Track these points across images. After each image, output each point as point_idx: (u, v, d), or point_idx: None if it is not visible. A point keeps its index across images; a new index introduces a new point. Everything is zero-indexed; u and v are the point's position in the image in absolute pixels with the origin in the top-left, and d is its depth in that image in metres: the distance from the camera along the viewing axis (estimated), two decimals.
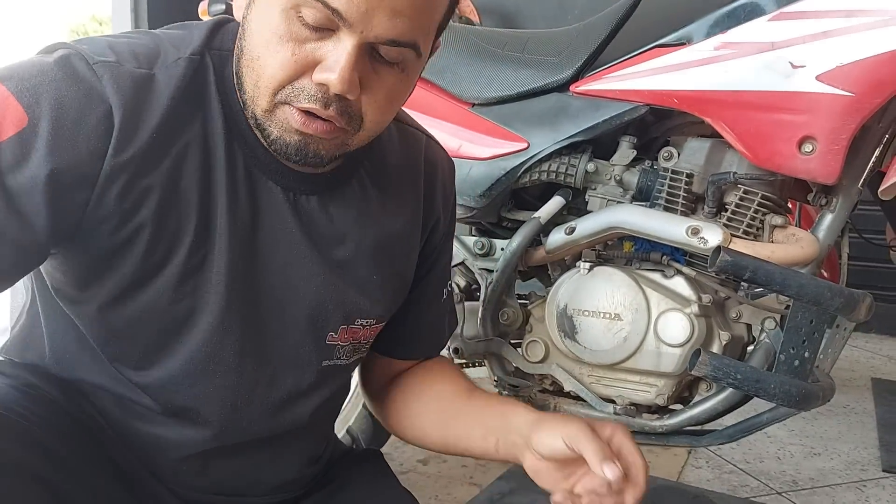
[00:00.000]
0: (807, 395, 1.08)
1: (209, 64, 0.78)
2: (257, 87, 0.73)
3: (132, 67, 0.73)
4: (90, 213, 0.72)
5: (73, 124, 0.69)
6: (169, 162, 0.74)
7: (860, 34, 1.06)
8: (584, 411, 1.33)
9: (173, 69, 0.75)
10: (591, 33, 1.33)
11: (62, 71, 0.70)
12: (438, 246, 1.00)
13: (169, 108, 0.74)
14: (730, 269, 0.99)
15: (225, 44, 0.80)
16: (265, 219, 0.81)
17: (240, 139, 0.79)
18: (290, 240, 0.83)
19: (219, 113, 0.78)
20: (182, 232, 0.76)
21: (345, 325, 0.89)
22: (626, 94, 1.26)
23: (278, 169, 0.81)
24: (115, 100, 0.70)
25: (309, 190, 0.84)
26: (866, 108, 1.07)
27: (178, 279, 0.77)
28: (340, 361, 0.91)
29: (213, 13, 1.58)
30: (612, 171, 1.30)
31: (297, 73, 0.71)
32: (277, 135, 0.74)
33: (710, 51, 1.16)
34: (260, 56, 0.72)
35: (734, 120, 1.15)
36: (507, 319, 1.38)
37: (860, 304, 1.04)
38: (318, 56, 0.70)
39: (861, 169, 1.17)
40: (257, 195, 0.80)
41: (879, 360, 2.87)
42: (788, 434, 2.11)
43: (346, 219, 0.86)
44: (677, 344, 1.21)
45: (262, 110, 0.74)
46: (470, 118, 1.40)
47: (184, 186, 0.76)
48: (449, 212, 1.01)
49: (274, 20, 0.70)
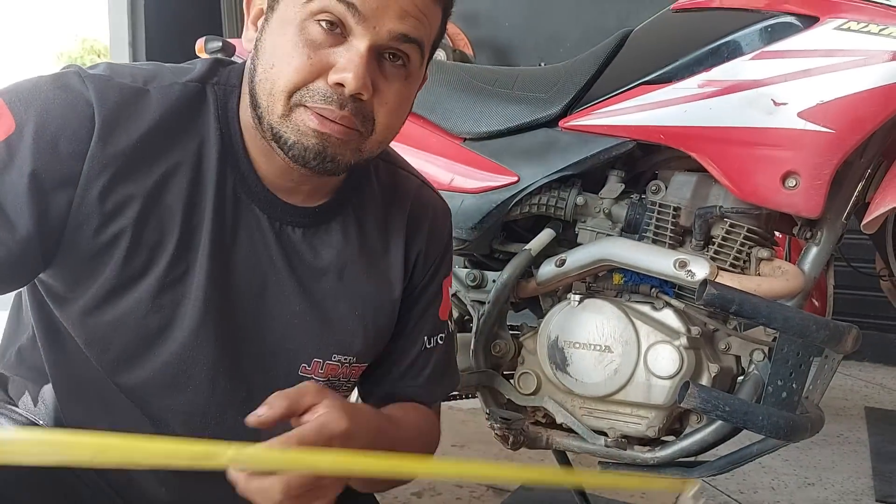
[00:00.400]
0: (795, 427, 1.09)
1: (209, 94, 0.82)
2: (272, 94, 0.76)
3: (124, 82, 0.77)
4: (73, 213, 0.75)
5: (56, 128, 0.73)
6: (156, 175, 0.77)
7: (839, 73, 1.09)
8: (576, 443, 1.33)
9: (168, 90, 0.79)
10: (578, 70, 1.36)
11: (54, 83, 0.75)
12: (421, 289, 0.98)
13: (158, 124, 0.77)
14: (716, 302, 1.01)
15: (230, 80, 0.84)
16: (248, 244, 0.83)
17: (233, 165, 0.82)
18: (270, 267, 0.85)
19: (216, 139, 0.81)
20: (163, 244, 0.79)
21: (319, 360, 0.89)
22: (613, 130, 1.28)
23: (267, 198, 0.84)
24: (97, 104, 0.74)
25: (295, 222, 0.86)
26: (847, 144, 1.10)
27: (156, 291, 0.79)
28: None
29: (209, 50, 1.61)
30: (601, 204, 1.32)
31: (313, 76, 0.75)
32: (295, 139, 0.77)
33: (695, 88, 1.19)
34: (275, 64, 0.76)
35: (719, 155, 1.18)
36: (499, 351, 1.39)
37: (846, 335, 1.05)
38: (332, 60, 0.75)
39: (844, 203, 1.20)
40: (243, 220, 0.83)
41: (873, 389, 2.88)
42: (783, 464, 2.11)
43: (329, 254, 0.88)
44: (667, 376, 1.23)
45: (277, 116, 0.76)
46: (461, 152, 1.42)
47: (169, 201, 0.78)
48: (435, 256, 0.99)
49: (289, 32, 0.75)
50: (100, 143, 0.74)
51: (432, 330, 1.00)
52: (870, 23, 1.08)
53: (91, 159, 0.74)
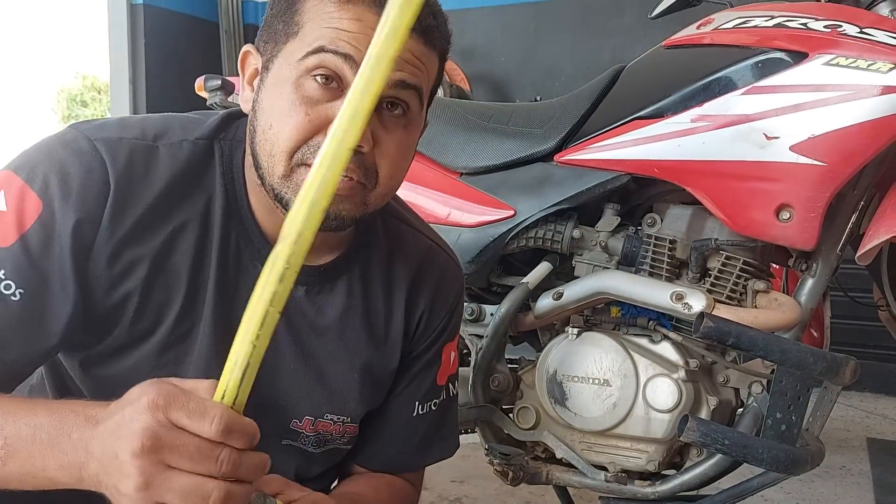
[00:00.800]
0: (795, 460, 1.09)
1: (216, 150, 0.82)
2: (272, 155, 0.76)
3: (134, 140, 0.78)
4: (90, 276, 0.76)
5: (79, 192, 0.74)
6: (163, 236, 0.78)
7: (830, 107, 1.10)
8: (576, 478, 1.32)
9: (177, 150, 0.80)
10: (572, 106, 1.38)
11: (66, 149, 0.76)
12: (418, 353, 0.96)
13: (168, 185, 0.78)
14: (713, 335, 1.01)
15: (237, 135, 0.84)
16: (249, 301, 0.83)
17: (237, 222, 0.82)
18: None
19: (221, 196, 0.81)
20: (170, 303, 0.79)
21: (311, 417, 0.89)
22: (608, 164, 1.29)
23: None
24: (111, 167, 0.75)
25: (299, 280, 0.85)
26: (839, 177, 1.11)
27: (162, 347, 0.80)
28: (302, 447, 0.91)
29: (208, 88, 1.64)
30: (598, 238, 1.33)
31: (312, 133, 0.75)
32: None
33: (687, 122, 1.20)
34: (273, 125, 0.76)
35: (713, 188, 1.19)
36: (497, 385, 1.38)
37: (843, 367, 1.05)
38: (330, 114, 0.74)
39: (839, 234, 1.20)
40: (245, 278, 0.83)
41: (874, 420, 2.86)
42: (785, 497, 2.09)
43: (332, 314, 0.88)
44: (666, 409, 1.22)
45: (279, 177, 0.76)
46: (458, 187, 1.43)
47: (176, 260, 0.79)
48: (439, 320, 0.96)
49: (286, 91, 0.75)
50: (113, 207, 0.75)
51: (426, 395, 0.97)
52: (858, 58, 1.10)
53: (105, 225, 0.75)
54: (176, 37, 4.23)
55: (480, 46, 3.90)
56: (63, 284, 0.74)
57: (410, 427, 0.97)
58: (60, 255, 0.74)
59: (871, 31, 1.13)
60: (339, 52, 0.73)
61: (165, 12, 4.18)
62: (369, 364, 0.91)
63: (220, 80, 1.61)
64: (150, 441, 0.56)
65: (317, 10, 0.75)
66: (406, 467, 0.99)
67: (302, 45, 0.75)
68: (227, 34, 4.39)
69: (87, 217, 0.74)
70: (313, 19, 0.75)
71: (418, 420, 0.97)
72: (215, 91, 1.60)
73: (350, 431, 0.93)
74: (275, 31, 0.78)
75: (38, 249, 0.73)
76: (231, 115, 0.86)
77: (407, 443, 0.97)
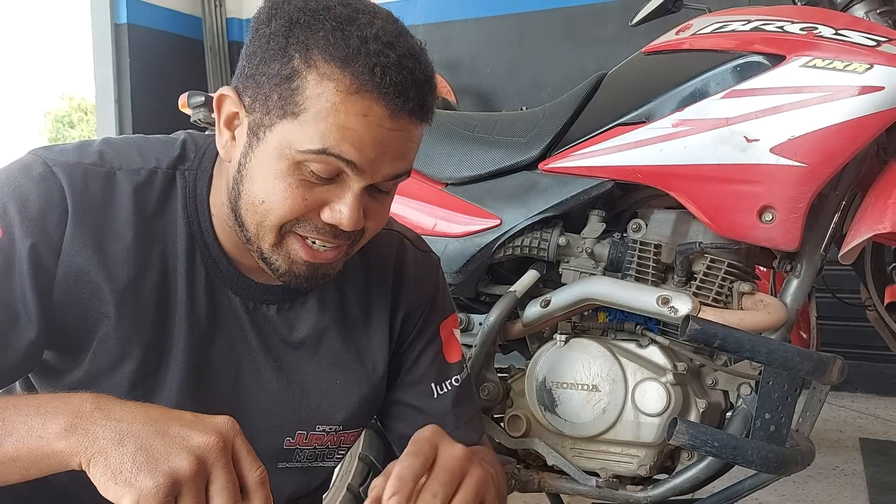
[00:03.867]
0: (785, 461, 1.09)
1: (178, 181, 0.82)
2: (262, 226, 0.76)
3: (91, 165, 0.77)
4: (56, 304, 0.76)
5: (38, 217, 0.74)
6: (127, 267, 0.78)
7: (808, 109, 1.11)
8: (568, 485, 1.32)
9: (135, 177, 0.79)
10: (555, 114, 1.38)
11: (24, 174, 0.76)
12: (412, 340, 0.96)
13: (128, 214, 0.78)
14: (700, 337, 1.02)
15: (202, 164, 0.83)
16: (222, 329, 0.84)
17: (203, 252, 0.82)
18: (245, 348, 0.85)
19: (184, 230, 0.81)
20: (136, 336, 0.79)
21: (302, 431, 0.89)
22: (592, 171, 1.30)
23: (239, 281, 0.84)
24: (69, 190, 0.75)
25: (269, 300, 0.86)
26: (820, 177, 1.12)
27: (132, 383, 0.79)
28: (299, 464, 0.91)
29: (192, 105, 1.63)
30: (584, 244, 1.34)
31: (306, 212, 0.75)
32: (286, 268, 0.78)
33: (669, 128, 1.21)
34: (265, 200, 0.75)
35: (695, 192, 1.20)
36: (487, 394, 1.38)
37: (830, 366, 1.05)
38: (327, 198, 0.75)
39: (822, 235, 1.21)
40: (217, 306, 0.83)
41: (867, 420, 2.86)
42: (779, 499, 2.09)
43: (306, 326, 0.88)
44: (655, 413, 1.22)
45: (268, 245, 0.77)
46: (444, 197, 1.44)
47: (140, 294, 0.78)
48: (422, 307, 0.96)
49: (281, 170, 0.73)
50: (73, 230, 0.75)
51: (439, 375, 0.96)
52: (834, 59, 1.11)
53: (66, 248, 0.75)
54: (160, 55, 4.24)
55: (465, 58, 3.92)
56: (26, 309, 0.73)
57: (437, 411, 0.95)
58: (21, 281, 0.73)
59: (846, 32, 1.14)
60: (343, 158, 0.72)
61: (150, 31, 4.18)
62: (353, 370, 0.91)
63: (204, 96, 1.60)
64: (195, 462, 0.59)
65: (319, 96, 0.70)
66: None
67: (303, 135, 0.71)
68: (211, 52, 4.40)
69: (48, 242, 0.74)
70: (315, 106, 0.71)
71: (442, 401, 0.96)
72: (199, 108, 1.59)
73: (345, 440, 0.93)
74: (267, 95, 0.73)
75: (4, 274, 0.73)
76: (193, 142, 0.85)
77: (449, 426, 0.93)
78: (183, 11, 4.36)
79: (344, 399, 0.90)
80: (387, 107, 0.71)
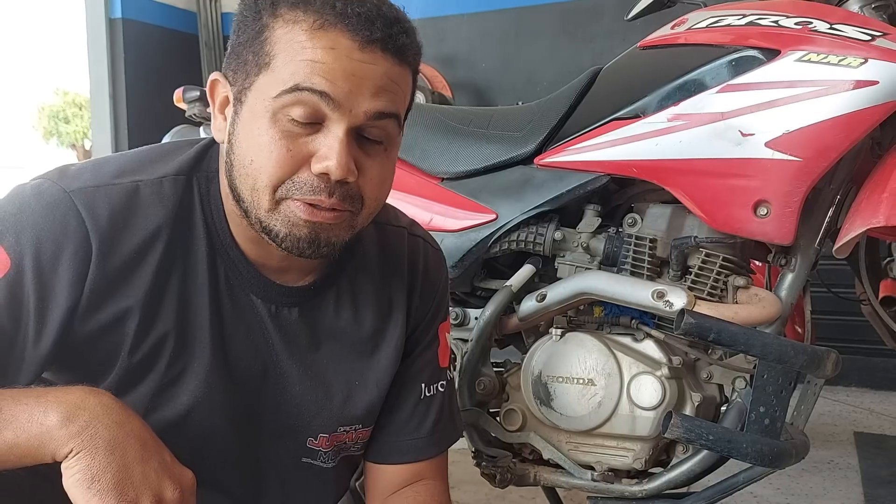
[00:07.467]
0: (779, 454, 1.09)
1: (194, 186, 0.81)
2: (255, 189, 0.75)
3: (111, 185, 0.76)
4: (77, 331, 0.75)
5: (53, 256, 0.73)
6: (149, 283, 0.77)
7: (803, 103, 1.12)
8: (563, 479, 1.33)
9: (158, 189, 0.79)
10: (551, 108, 1.38)
11: (39, 201, 0.74)
12: (417, 337, 0.97)
13: (153, 227, 0.77)
14: (694, 331, 1.02)
15: (211, 166, 0.84)
16: (246, 332, 0.84)
17: (223, 256, 0.82)
18: (269, 352, 0.85)
19: (203, 233, 0.81)
20: (160, 348, 0.79)
21: (326, 434, 0.90)
22: (587, 165, 1.30)
23: (260, 283, 0.84)
24: (90, 224, 0.74)
25: (290, 302, 0.86)
26: (814, 171, 1.12)
27: (155, 391, 0.79)
28: (323, 464, 0.92)
29: (187, 99, 1.63)
30: (579, 239, 1.34)
31: (295, 168, 0.74)
32: (286, 231, 0.76)
33: (664, 122, 1.21)
34: (254, 160, 0.74)
35: (691, 187, 1.20)
36: (483, 389, 1.38)
37: (825, 360, 1.06)
38: (312, 148, 0.74)
39: (816, 229, 1.22)
40: (240, 310, 0.83)
41: (861, 414, 2.88)
42: (774, 493, 2.09)
43: (326, 327, 0.88)
44: (650, 407, 1.23)
45: (265, 211, 0.76)
46: (439, 192, 1.44)
47: (164, 305, 0.78)
48: (431, 301, 0.97)
49: (263, 125, 0.74)
50: (98, 263, 0.74)
51: (430, 377, 0.97)
52: (829, 54, 1.12)
53: (91, 282, 0.74)
54: (155, 50, 4.22)
55: (461, 53, 3.91)
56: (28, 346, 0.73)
57: (420, 411, 0.96)
58: (26, 316, 0.73)
59: (841, 26, 1.15)
60: (315, 90, 0.71)
61: (144, 26, 4.17)
62: (371, 366, 0.92)
63: (199, 90, 1.60)
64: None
65: (287, 40, 0.72)
66: (422, 453, 0.97)
67: (276, 81, 0.73)
68: (206, 46, 4.39)
69: (66, 277, 0.73)
70: (284, 50, 0.72)
71: (427, 403, 0.97)
72: (194, 102, 1.59)
73: (362, 437, 0.94)
74: (244, 60, 0.76)
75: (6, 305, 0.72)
76: (206, 146, 0.85)
77: (420, 429, 0.96)
78: (178, 6, 4.35)
79: (364, 397, 0.91)
80: (354, 38, 0.72)
